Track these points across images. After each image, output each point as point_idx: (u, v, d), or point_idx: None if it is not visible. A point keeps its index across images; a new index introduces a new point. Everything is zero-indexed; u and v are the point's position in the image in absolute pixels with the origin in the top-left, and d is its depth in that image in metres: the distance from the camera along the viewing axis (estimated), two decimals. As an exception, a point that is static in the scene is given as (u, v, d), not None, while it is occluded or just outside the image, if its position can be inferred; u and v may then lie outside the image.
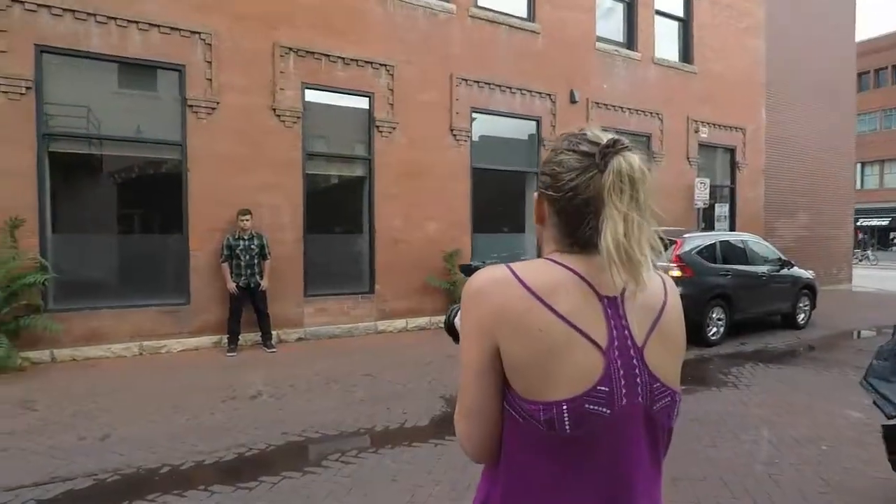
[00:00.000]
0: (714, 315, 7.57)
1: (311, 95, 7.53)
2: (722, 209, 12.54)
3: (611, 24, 10.83)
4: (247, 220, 6.55)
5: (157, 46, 6.46)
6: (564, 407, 0.80)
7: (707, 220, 12.11)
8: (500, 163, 9.37)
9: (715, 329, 7.58)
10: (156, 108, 6.91)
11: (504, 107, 9.13)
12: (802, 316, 9.07)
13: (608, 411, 0.82)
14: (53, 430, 4.14)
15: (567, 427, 0.80)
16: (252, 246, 6.58)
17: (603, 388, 0.82)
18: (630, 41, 10.90)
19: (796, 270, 9.02)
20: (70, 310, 6.10)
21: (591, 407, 0.81)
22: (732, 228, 12.26)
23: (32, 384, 5.25)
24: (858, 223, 29.72)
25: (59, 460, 3.61)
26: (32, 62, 5.86)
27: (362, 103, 7.90)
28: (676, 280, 5.54)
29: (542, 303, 0.83)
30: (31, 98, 5.86)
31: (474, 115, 8.88)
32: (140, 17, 6.33)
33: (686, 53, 11.76)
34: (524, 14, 9.46)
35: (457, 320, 1.15)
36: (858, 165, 31.72)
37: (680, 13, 11.71)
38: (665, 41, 11.42)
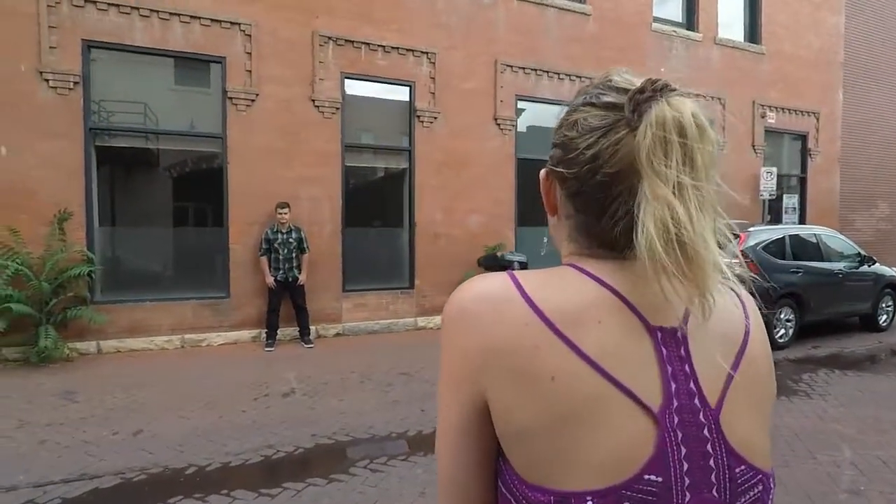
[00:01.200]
0: (783, 316, 6.96)
1: (351, 85, 7.37)
2: (791, 200, 11.57)
3: (669, 4, 10.13)
4: (285, 214, 6.46)
5: (197, 39, 6.45)
6: (590, 502, 0.51)
7: (774, 213, 11.21)
8: (547, 153, 8.90)
9: (783, 331, 6.97)
10: (197, 101, 6.93)
11: (551, 94, 8.67)
12: (885, 317, 8.23)
13: None
14: (90, 423, 4.15)
15: None
16: (290, 240, 6.49)
17: (654, 476, 0.52)
18: (690, 21, 10.16)
19: (878, 267, 8.16)
20: (115, 302, 6.21)
21: None
22: (803, 221, 11.29)
23: (77, 375, 5.35)
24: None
25: (90, 457, 3.59)
26: (80, 57, 5.96)
27: (403, 93, 7.67)
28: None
29: (560, 336, 0.54)
30: (78, 93, 5.96)
31: (520, 103, 8.48)
32: (181, 9, 6.33)
33: (753, 33, 10.86)
34: (574, -5, 8.95)
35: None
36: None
37: (746, -12, 10.82)
38: (730, 20, 10.58)
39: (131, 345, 6.17)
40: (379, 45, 7.35)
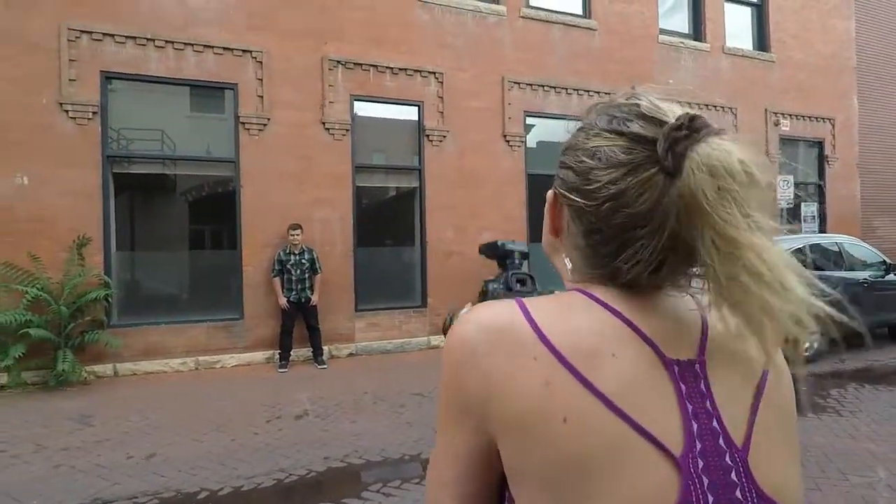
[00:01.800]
0: (805, 328, 6.74)
1: (360, 107, 7.47)
2: (809, 209, 11.35)
3: (675, 16, 10.15)
4: (297, 235, 6.52)
5: (210, 67, 6.62)
6: None
7: (792, 222, 10.95)
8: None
9: (807, 344, 6.72)
10: (211, 127, 7.09)
11: (559, 109, 8.69)
12: (915, 328, 7.94)
13: None
14: (105, 447, 4.17)
15: None
16: (303, 261, 6.53)
17: None
18: (697, 32, 10.15)
19: (905, 276, 7.91)
20: (131, 325, 6.29)
21: None
22: (823, 230, 11.05)
23: (93, 398, 5.40)
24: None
25: (104, 480, 3.60)
26: (98, 88, 6.14)
27: (411, 113, 7.75)
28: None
29: (573, 372, 0.50)
30: (96, 122, 6.13)
31: (529, 119, 8.51)
32: (195, 39, 6.51)
33: (762, 41, 10.80)
34: (579, 11, 9.02)
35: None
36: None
37: (753, -2, 10.81)
38: (737, 29, 10.55)
39: (146, 367, 6.23)
40: (387, 67, 7.46)
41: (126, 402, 5.28)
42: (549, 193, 0.64)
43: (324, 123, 7.12)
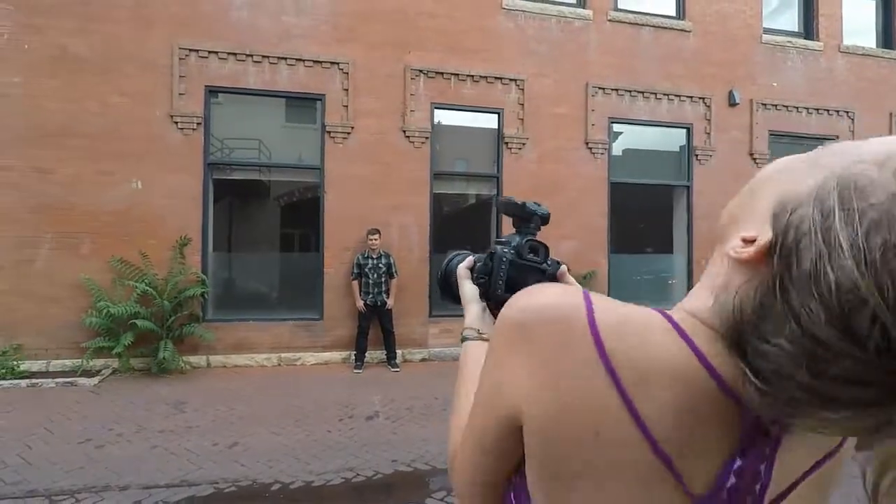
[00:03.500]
0: None
1: (440, 115, 7.56)
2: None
3: (784, 13, 9.35)
4: (375, 240, 6.70)
5: (302, 79, 6.99)
6: None
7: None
8: (643, 176, 8.49)
9: None
10: (301, 136, 7.48)
11: (647, 115, 8.29)
12: None
13: None
14: (194, 433, 4.49)
15: None
16: (380, 265, 6.70)
17: None
18: (808, 29, 9.27)
19: None
20: (223, 320, 6.76)
21: None
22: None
23: (188, 386, 5.85)
24: None
25: (191, 464, 3.87)
26: (202, 101, 6.69)
27: (491, 120, 7.73)
28: None
29: (621, 394, 0.47)
30: (200, 132, 6.68)
31: (615, 126, 8.19)
32: (288, 53, 6.91)
33: (887, 37, 9.67)
34: (672, 12, 8.56)
35: (462, 268, 0.84)
36: None
37: (878, -10, 9.71)
38: (857, 25, 9.51)
39: (235, 360, 6.66)
40: (468, 75, 7.50)
41: (216, 392, 5.67)
42: (765, 238, 0.45)
43: (404, 131, 7.28)
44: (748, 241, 0.46)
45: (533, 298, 0.52)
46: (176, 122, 6.58)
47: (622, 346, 0.47)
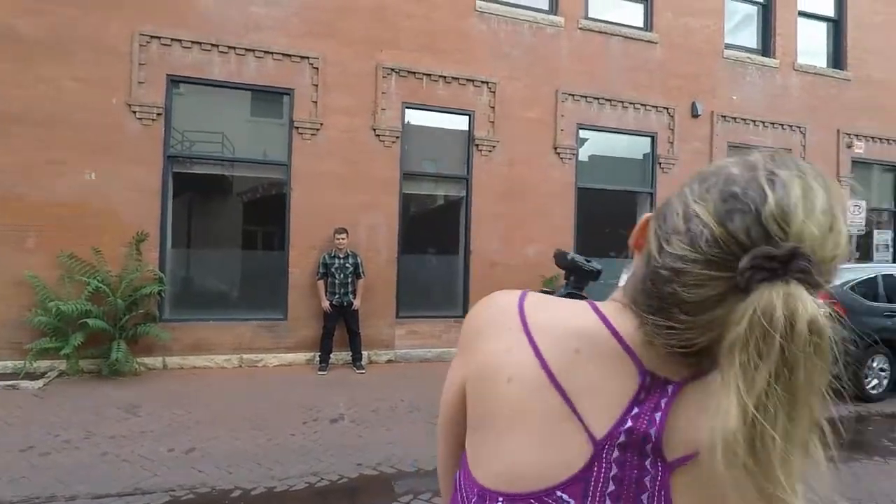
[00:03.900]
0: (875, 364, 6.27)
1: (411, 115, 7.50)
2: (883, 237, 10.57)
3: (743, 30, 9.73)
4: (343, 239, 6.58)
5: (269, 72, 6.81)
6: (500, 501, 0.54)
7: (864, 251, 10.25)
8: (610, 182, 8.66)
9: (876, 381, 6.27)
10: (267, 131, 7.28)
11: (615, 123, 8.46)
12: None
13: None
14: (148, 438, 4.28)
15: None
16: (347, 265, 6.58)
17: (566, 497, 0.53)
18: (765, 47, 9.68)
19: None
20: (181, 320, 6.49)
21: None
22: (897, 260, 10.26)
23: (142, 389, 5.59)
24: None
25: (145, 471, 3.68)
26: (163, 91, 6.42)
27: (462, 122, 7.72)
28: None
29: (532, 345, 0.58)
30: (160, 123, 6.40)
31: (582, 132, 8.32)
32: (256, 45, 6.71)
33: (837, 58, 10.19)
34: (640, 23, 8.77)
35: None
36: None
37: (830, 13, 10.21)
38: (810, 45, 10.00)
39: (193, 362, 6.40)
40: (440, 76, 7.47)
41: (172, 394, 5.44)
42: (646, 216, 0.63)
43: (374, 130, 7.19)
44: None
45: (485, 300, 0.66)
46: (134, 112, 6.29)
47: (541, 316, 0.60)
